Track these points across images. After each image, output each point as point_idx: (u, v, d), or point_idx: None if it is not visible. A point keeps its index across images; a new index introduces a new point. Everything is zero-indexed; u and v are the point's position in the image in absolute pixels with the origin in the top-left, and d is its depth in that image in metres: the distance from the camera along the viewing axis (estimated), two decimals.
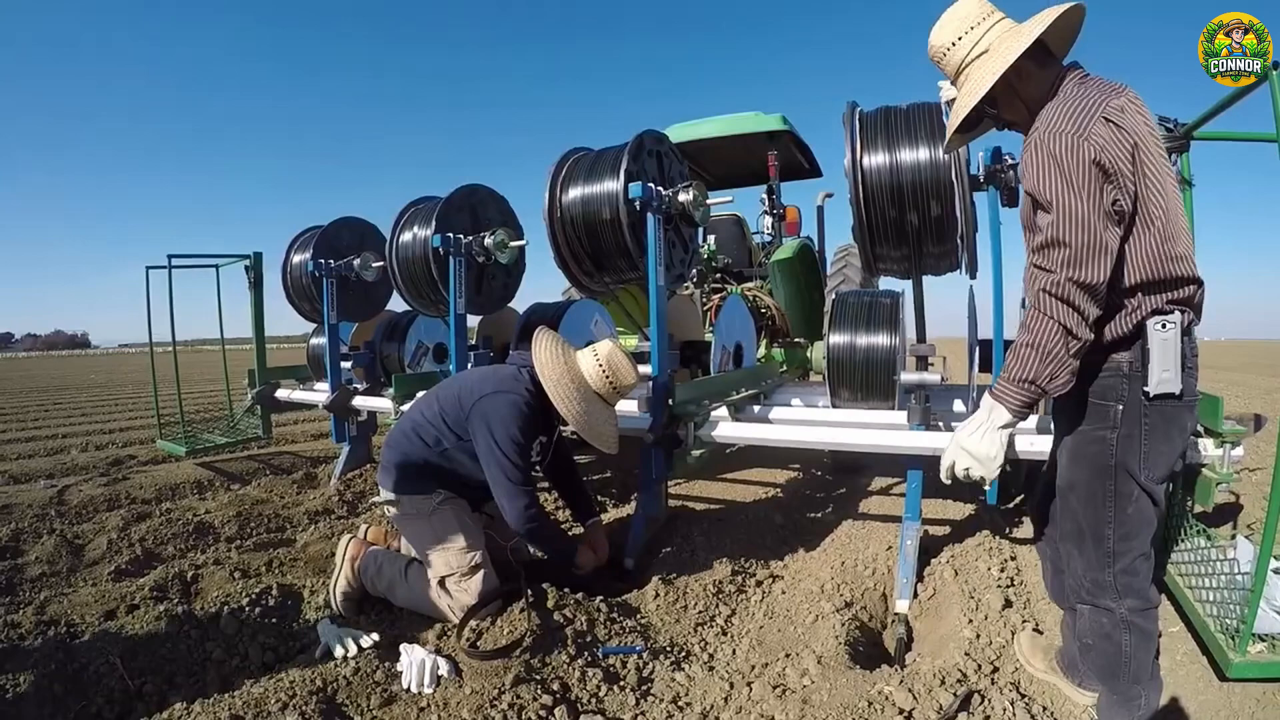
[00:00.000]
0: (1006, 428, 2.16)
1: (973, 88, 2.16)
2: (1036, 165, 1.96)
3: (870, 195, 3.51)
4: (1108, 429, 2.10)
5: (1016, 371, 2.05)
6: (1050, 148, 1.93)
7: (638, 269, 4.08)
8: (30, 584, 3.80)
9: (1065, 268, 1.90)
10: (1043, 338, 1.97)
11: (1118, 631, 2.21)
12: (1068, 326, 1.93)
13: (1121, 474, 2.11)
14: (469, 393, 3.23)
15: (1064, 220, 1.89)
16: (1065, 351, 1.96)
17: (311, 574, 3.73)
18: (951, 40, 2.20)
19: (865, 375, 4.10)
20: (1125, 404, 2.06)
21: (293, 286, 6.65)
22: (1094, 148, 1.89)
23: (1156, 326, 1.98)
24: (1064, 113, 1.98)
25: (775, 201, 7.86)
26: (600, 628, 3.02)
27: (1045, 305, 1.95)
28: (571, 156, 4.32)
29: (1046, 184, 1.93)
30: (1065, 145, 1.91)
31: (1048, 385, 2.02)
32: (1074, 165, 1.90)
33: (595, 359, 3.28)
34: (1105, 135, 1.92)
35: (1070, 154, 1.91)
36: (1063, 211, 1.90)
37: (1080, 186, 1.89)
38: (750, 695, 2.56)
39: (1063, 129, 1.94)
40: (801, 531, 4.45)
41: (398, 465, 3.29)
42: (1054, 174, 1.92)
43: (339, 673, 2.56)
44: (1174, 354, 1.99)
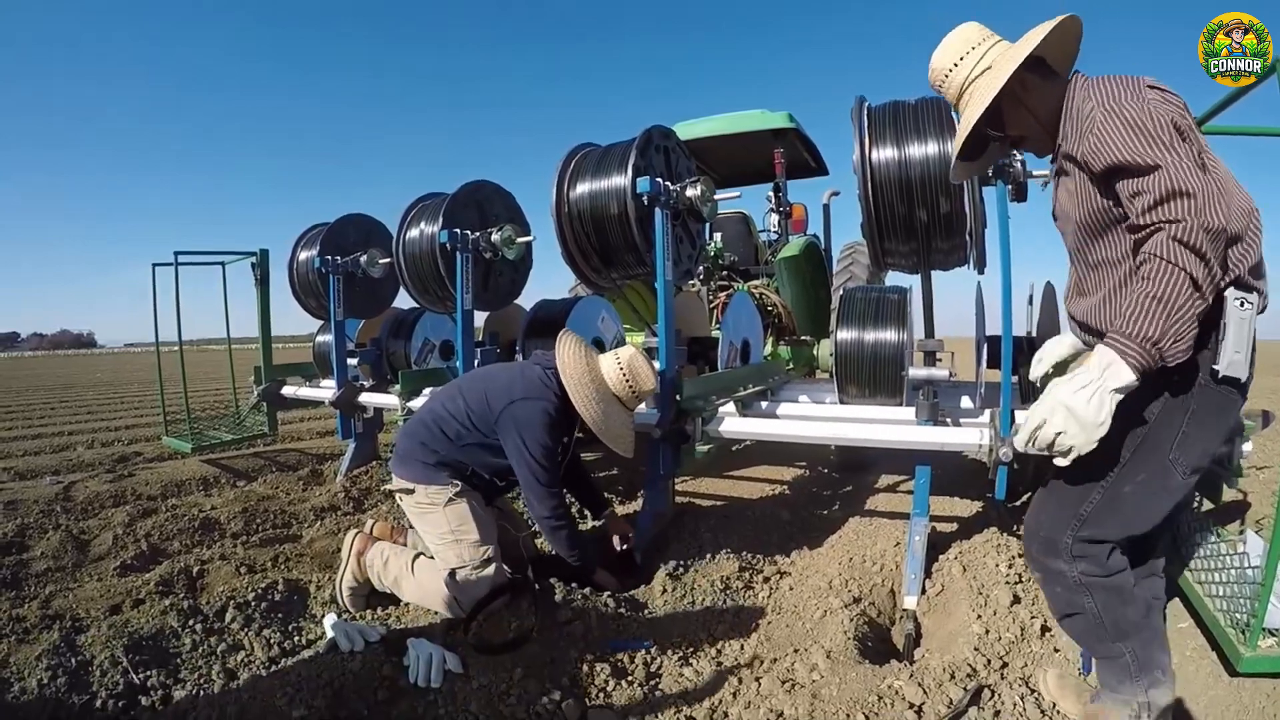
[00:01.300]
0: (1121, 391, 1.82)
1: (977, 103, 2.12)
2: (1118, 135, 1.83)
3: (879, 190, 3.50)
4: (1152, 396, 1.93)
5: (1141, 325, 1.75)
6: (1124, 115, 1.83)
7: (645, 264, 4.07)
8: (36, 579, 3.79)
9: (1193, 215, 1.69)
10: (1170, 289, 1.71)
11: (1078, 595, 2.09)
12: (1196, 279, 1.70)
13: (1145, 448, 1.96)
14: (499, 395, 3.25)
15: (1175, 170, 1.72)
16: (1192, 309, 1.73)
17: (317, 569, 3.73)
18: (953, 62, 2.18)
19: (873, 371, 4.09)
20: (1180, 377, 1.90)
21: (299, 283, 6.65)
22: (1161, 109, 1.82)
23: (1236, 303, 1.82)
24: (1112, 91, 1.91)
25: (781, 199, 7.84)
26: (608, 623, 3.02)
27: (1173, 253, 1.71)
28: (579, 152, 4.32)
29: (1136, 146, 1.79)
30: (1138, 108, 1.83)
31: (1169, 348, 1.75)
32: (1156, 123, 1.79)
33: (617, 362, 3.31)
34: (1162, 100, 1.87)
35: (1147, 114, 1.81)
36: (1170, 163, 1.74)
37: (1171, 141, 1.77)
38: (759, 690, 2.55)
39: (1125, 99, 1.87)
40: (809, 528, 4.44)
41: (416, 454, 3.31)
42: (1140, 135, 1.79)
43: (346, 667, 2.55)
44: (1248, 336, 1.84)
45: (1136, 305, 1.76)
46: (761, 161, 7.73)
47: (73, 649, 2.72)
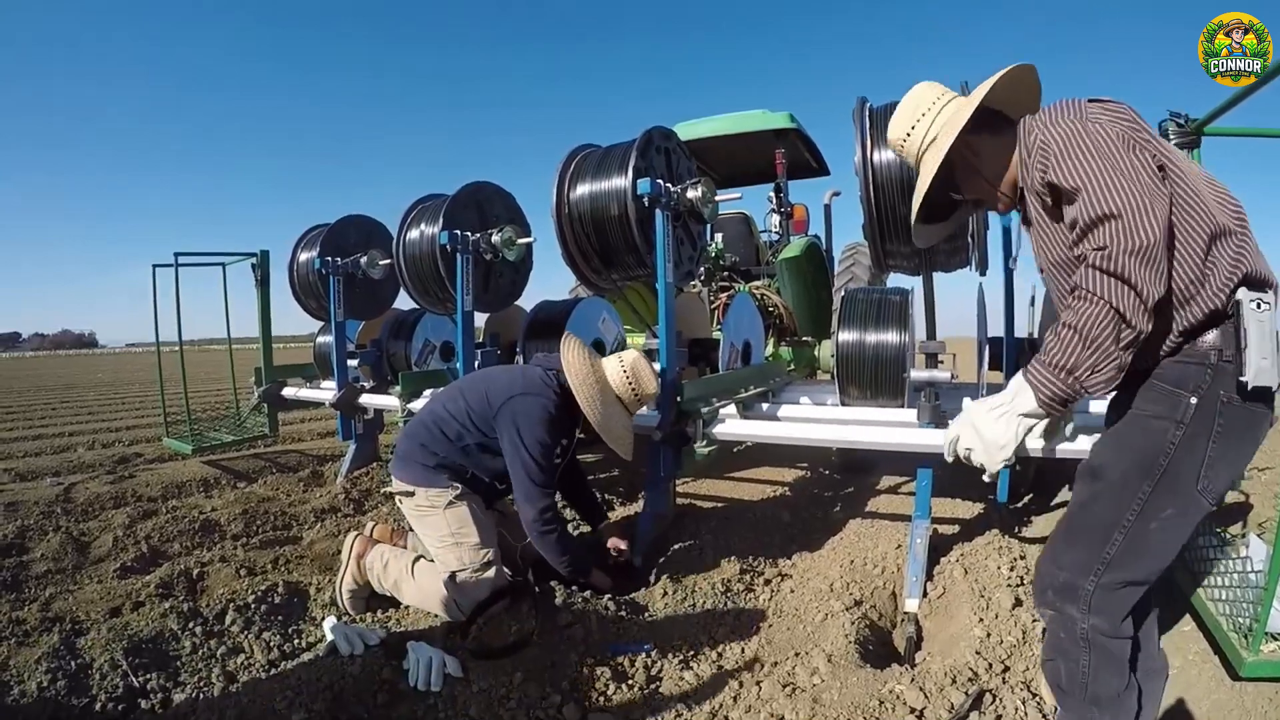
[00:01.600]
0: (1029, 418, 1.82)
1: (923, 178, 2.11)
2: (1052, 154, 1.78)
3: (881, 192, 3.48)
4: (1172, 421, 1.78)
5: (1055, 355, 1.72)
6: (1058, 136, 1.78)
7: (646, 266, 4.07)
8: (36, 581, 3.79)
9: (1115, 238, 1.63)
10: (1088, 320, 1.66)
11: (1076, 648, 1.96)
12: (1120, 309, 1.63)
13: (1168, 480, 1.80)
14: (498, 392, 3.25)
15: (1098, 191, 1.67)
16: (1114, 341, 1.66)
17: (318, 572, 3.73)
18: (905, 132, 2.16)
19: (874, 373, 4.08)
20: (1202, 398, 1.75)
21: (299, 284, 6.64)
22: (1099, 124, 1.76)
23: (1252, 305, 1.70)
24: (1051, 115, 1.87)
25: (783, 200, 7.82)
26: (608, 626, 3.01)
27: (1093, 282, 1.66)
28: (579, 153, 4.30)
29: (1068, 164, 1.74)
30: (1072, 127, 1.77)
31: (1087, 380, 1.70)
32: (1093, 135, 1.74)
33: (620, 364, 3.33)
34: (1103, 113, 1.83)
35: (1085, 128, 1.76)
36: (1093, 185, 1.68)
37: (1108, 150, 1.70)
38: (760, 694, 2.54)
39: (1060, 118, 1.82)
40: (810, 530, 4.43)
41: (416, 456, 3.30)
42: (1073, 150, 1.74)
43: (345, 670, 2.55)
44: (1272, 339, 1.69)
45: (1056, 336, 1.74)
46: (763, 162, 7.71)
47: (72, 652, 2.72)
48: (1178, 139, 2.99)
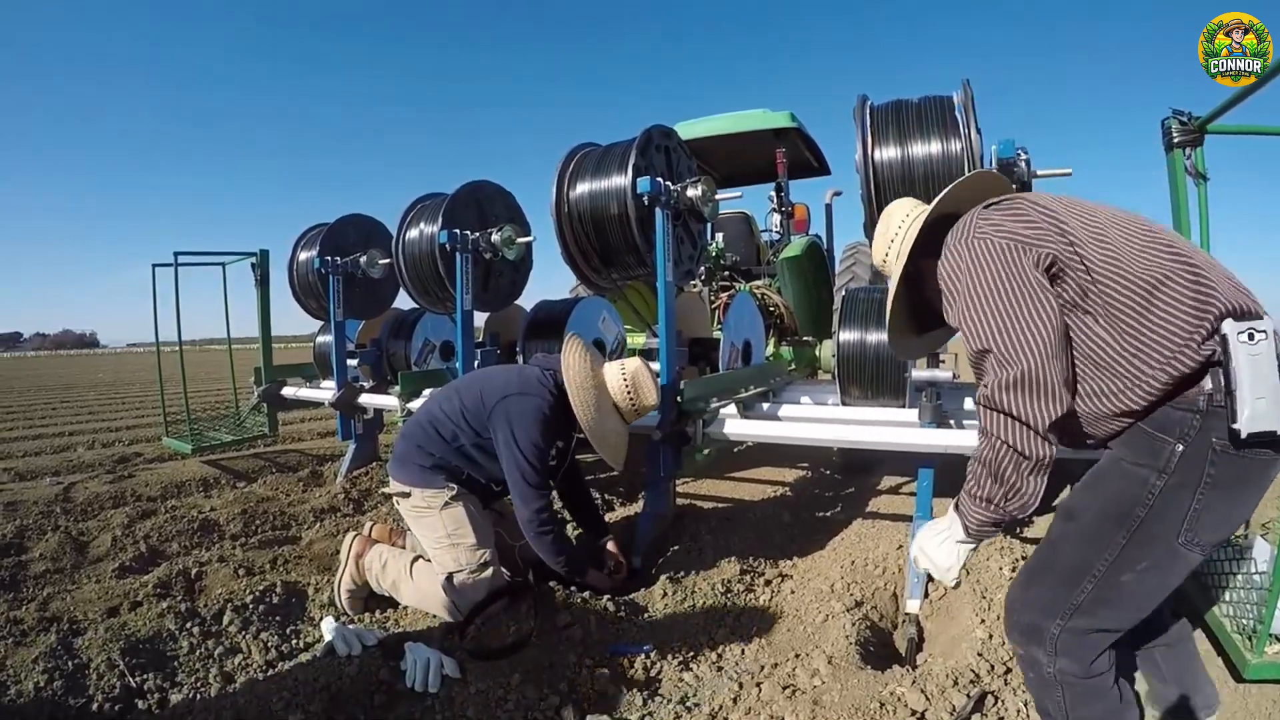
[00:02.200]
0: (965, 544, 1.84)
1: (888, 301, 2.15)
2: (945, 290, 1.81)
3: (882, 190, 3.47)
4: (1154, 470, 1.63)
5: (973, 489, 1.74)
6: (947, 266, 1.79)
7: (646, 265, 4.05)
8: (34, 580, 3.78)
9: (994, 371, 1.64)
10: (990, 457, 1.68)
11: (1047, 688, 1.86)
12: (1012, 444, 1.62)
13: (1144, 532, 1.66)
14: (492, 391, 3.23)
15: (973, 324, 1.69)
16: (1017, 473, 1.64)
17: (316, 572, 3.72)
18: (882, 256, 2.20)
19: (876, 372, 4.07)
20: (1190, 445, 1.58)
21: (299, 284, 6.65)
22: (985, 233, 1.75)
23: (1243, 337, 1.50)
24: (946, 245, 1.86)
25: (783, 199, 7.81)
26: (607, 627, 3.00)
27: (984, 419, 1.68)
28: (579, 152, 4.29)
29: (951, 302, 1.77)
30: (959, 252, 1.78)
31: (1007, 506, 1.69)
32: (971, 261, 1.73)
33: (621, 372, 3.29)
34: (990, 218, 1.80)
35: (964, 254, 1.76)
36: (970, 315, 1.70)
37: (981, 277, 1.70)
38: (760, 695, 2.52)
39: (950, 245, 1.83)
40: (810, 530, 4.41)
41: (412, 457, 3.28)
42: (954, 285, 1.76)
43: (343, 671, 2.54)
44: (1270, 374, 1.50)
45: (971, 470, 1.77)
46: (763, 161, 7.69)
47: (70, 651, 2.71)
48: (1180, 137, 2.98)
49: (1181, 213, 3.05)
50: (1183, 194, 3.04)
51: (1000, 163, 3.34)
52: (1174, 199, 3.08)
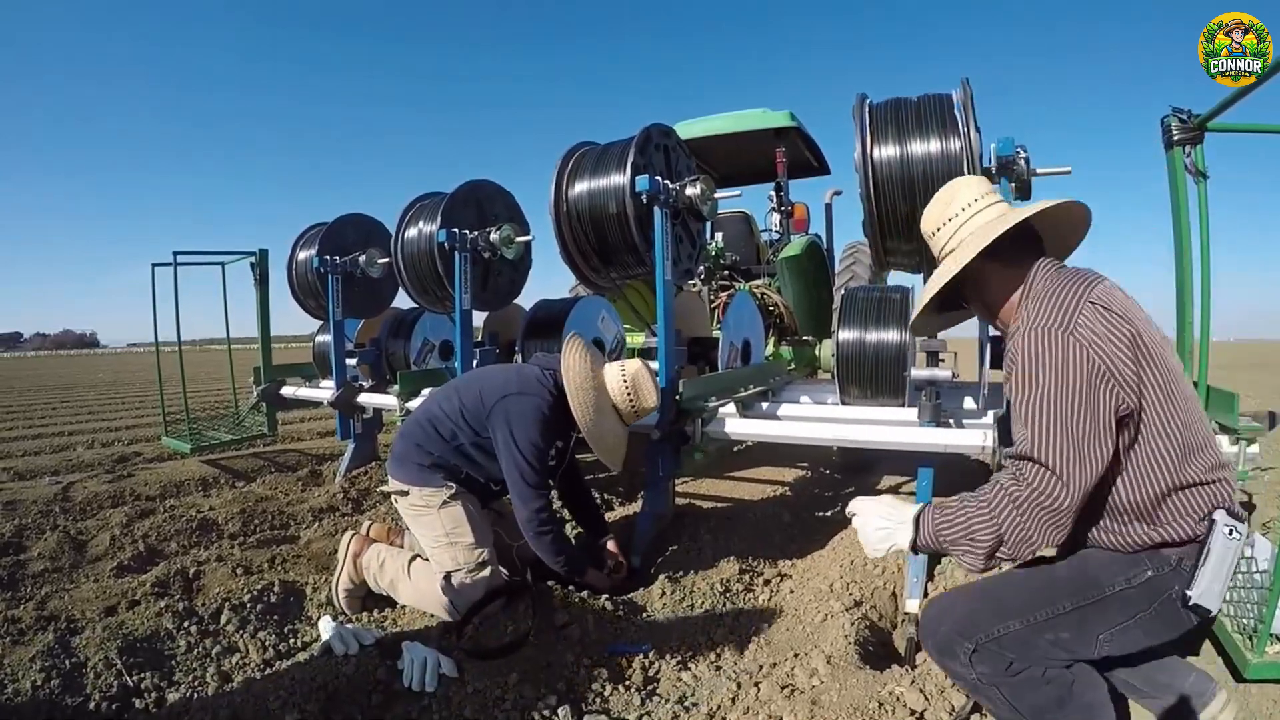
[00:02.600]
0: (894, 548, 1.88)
1: (932, 281, 2.07)
2: (1017, 369, 1.76)
3: (881, 189, 3.47)
4: (1123, 578, 1.80)
5: (942, 523, 1.78)
6: (1030, 348, 1.74)
7: (645, 264, 4.05)
8: (32, 579, 3.78)
9: (1038, 485, 1.67)
10: (980, 526, 1.72)
11: (981, 691, 1.93)
12: (1005, 539, 1.69)
13: (1086, 613, 1.82)
14: (491, 391, 3.22)
15: (1039, 432, 1.68)
16: (986, 554, 1.72)
17: (314, 571, 3.71)
18: (935, 227, 2.11)
19: (875, 371, 4.06)
20: (1156, 578, 1.78)
21: (298, 283, 6.65)
22: (1083, 341, 1.71)
23: (1225, 530, 1.70)
24: (1044, 307, 1.80)
25: (783, 199, 7.81)
26: (606, 626, 3.00)
27: (999, 502, 1.71)
28: (578, 151, 4.29)
29: (1027, 389, 1.73)
30: (1046, 344, 1.73)
31: (955, 554, 1.79)
32: (1056, 368, 1.70)
33: (622, 374, 3.28)
34: (1095, 325, 1.74)
35: (1052, 354, 1.71)
36: (1039, 421, 1.69)
37: (1063, 392, 1.69)
38: (758, 695, 2.52)
39: (1045, 324, 1.75)
40: (810, 530, 4.41)
41: (411, 456, 3.28)
42: (1035, 376, 1.72)
43: (340, 670, 2.53)
44: (1230, 568, 1.71)
45: (957, 508, 1.78)
46: (763, 160, 7.70)
47: (67, 650, 2.70)
48: (1180, 135, 2.97)
49: (1181, 211, 3.05)
50: (1182, 192, 3.04)
51: (999, 161, 3.34)
52: (1174, 197, 3.08)
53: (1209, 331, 3.03)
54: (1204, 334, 3.04)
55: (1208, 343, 3.03)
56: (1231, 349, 44.87)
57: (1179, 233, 3.08)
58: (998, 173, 3.35)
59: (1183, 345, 3.09)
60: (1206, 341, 3.03)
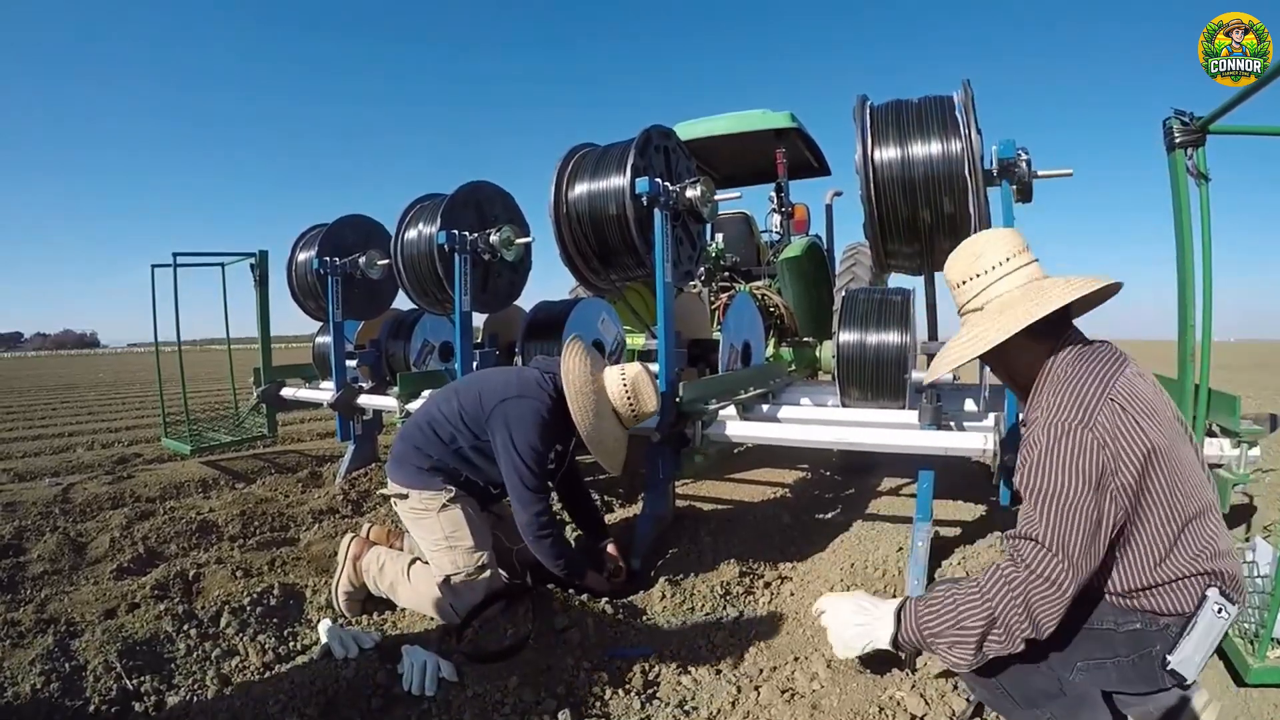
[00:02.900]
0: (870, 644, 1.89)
1: (953, 350, 2.03)
2: (1033, 459, 1.76)
3: (881, 191, 3.46)
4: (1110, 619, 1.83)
5: (927, 614, 1.80)
6: (1048, 441, 1.74)
7: (644, 266, 4.04)
8: (32, 582, 3.77)
9: (1038, 570, 1.68)
10: (968, 611, 1.73)
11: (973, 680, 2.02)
12: (996, 618, 1.71)
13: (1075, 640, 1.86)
14: (491, 394, 3.22)
15: (1055, 524, 1.68)
16: (975, 639, 1.73)
17: (314, 573, 3.70)
18: (958, 280, 2.04)
19: (875, 374, 4.05)
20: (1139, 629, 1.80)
21: (298, 285, 6.64)
22: (1099, 439, 1.71)
23: (1215, 608, 1.71)
24: (1065, 399, 1.78)
25: (784, 200, 7.81)
26: (606, 629, 2.99)
27: (993, 589, 1.72)
28: (578, 152, 4.28)
29: (1039, 480, 1.73)
30: (1067, 438, 1.72)
31: (941, 651, 1.79)
32: (1075, 460, 1.70)
33: (621, 377, 3.27)
34: (1112, 424, 1.73)
35: (1072, 446, 1.71)
36: (1054, 514, 1.69)
37: (1072, 491, 1.69)
38: (758, 699, 2.51)
39: (1064, 419, 1.75)
40: (810, 532, 4.41)
41: (410, 459, 3.27)
42: (1050, 469, 1.72)
43: (339, 674, 2.53)
44: (1213, 644, 1.73)
45: (944, 597, 1.78)
46: (764, 161, 7.70)
47: (67, 654, 2.70)
48: (1182, 137, 2.97)
49: (1183, 214, 3.04)
50: (1184, 195, 3.03)
51: (1001, 163, 3.33)
52: (1175, 200, 3.07)
53: (1210, 333, 3.03)
54: (1205, 336, 3.03)
55: (1209, 345, 3.03)
56: (1232, 349, 44.86)
57: (1180, 235, 3.07)
58: (999, 175, 3.34)
59: (1184, 347, 3.08)
60: (1208, 344, 3.02)
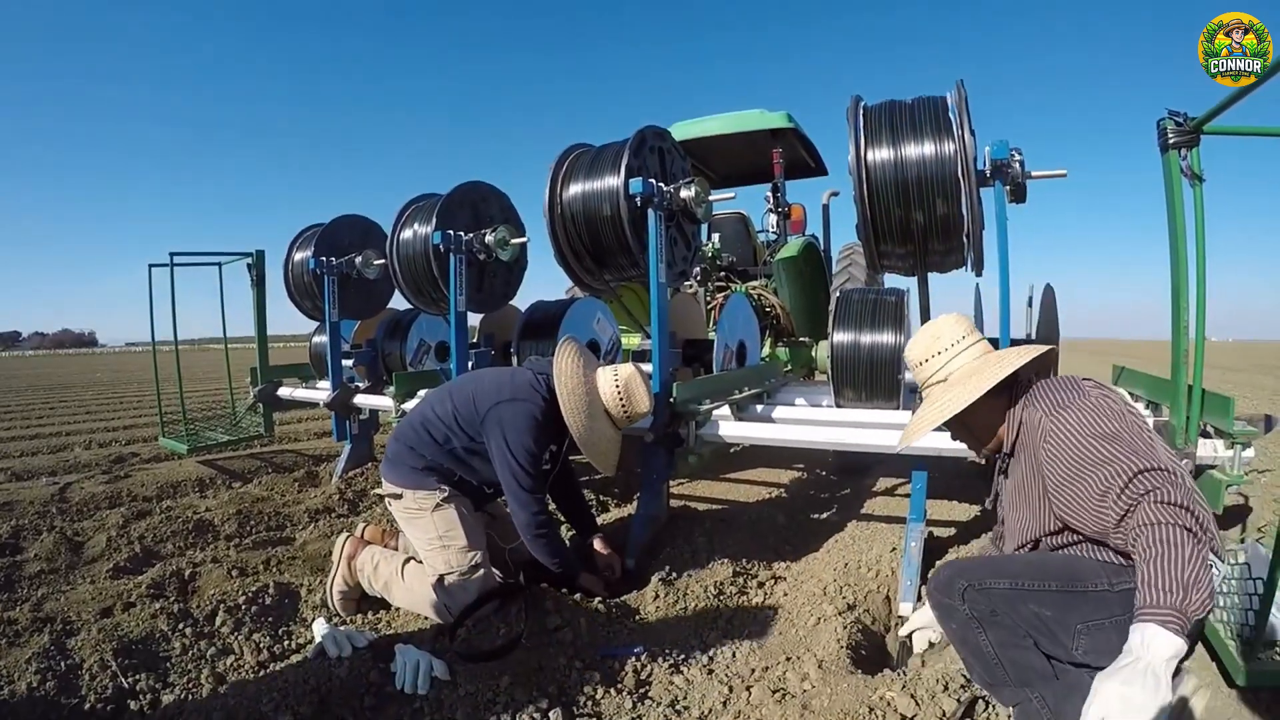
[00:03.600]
0: (1174, 659, 1.58)
1: (920, 418, 2.33)
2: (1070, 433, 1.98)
3: (875, 192, 3.46)
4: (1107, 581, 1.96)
5: (1161, 594, 1.60)
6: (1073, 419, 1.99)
7: (639, 266, 4.04)
8: (28, 581, 3.79)
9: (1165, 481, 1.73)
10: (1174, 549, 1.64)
11: (970, 631, 2.11)
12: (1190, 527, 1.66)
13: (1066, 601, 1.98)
14: (485, 397, 3.22)
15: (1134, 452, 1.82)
16: (1198, 556, 1.63)
17: (309, 572, 3.71)
18: (920, 359, 2.37)
19: (869, 374, 4.06)
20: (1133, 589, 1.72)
21: (295, 284, 6.63)
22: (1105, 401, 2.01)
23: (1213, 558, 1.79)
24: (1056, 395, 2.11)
25: (780, 200, 7.81)
26: (598, 629, 3.00)
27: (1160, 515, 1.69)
28: (572, 153, 4.28)
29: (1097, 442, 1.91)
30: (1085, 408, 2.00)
31: (1195, 600, 1.58)
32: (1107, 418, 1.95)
33: (615, 379, 3.27)
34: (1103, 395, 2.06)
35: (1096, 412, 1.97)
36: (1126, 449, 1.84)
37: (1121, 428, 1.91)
38: (749, 699, 2.52)
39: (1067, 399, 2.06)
40: (804, 532, 4.41)
41: (404, 459, 3.28)
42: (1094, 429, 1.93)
43: (333, 673, 2.54)
44: None
45: (1152, 574, 1.63)
46: (760, 161, 7.70)
47: (63, 652, 2.71)
48: (1176, 138, 2.97)
49: (1177, 215, 3.04)
50: (1178, 195, 3.03)
51: (994, 164, 3.33)
52: (1169, 200, 3.07)
53: (1204, 334, 3.03)
54: (1199, 336, 3.04)
55: (1203, 345, 3.03)
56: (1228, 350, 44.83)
57: (1174, 235, 3.07)
58: (992, 175, 3.34)
59: (1178, 348, 3.08)
60: (1202, 344, 3.03)
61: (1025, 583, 2.03)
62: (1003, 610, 2.04)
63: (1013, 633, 2.05)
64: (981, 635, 2.09)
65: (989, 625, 2.07)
